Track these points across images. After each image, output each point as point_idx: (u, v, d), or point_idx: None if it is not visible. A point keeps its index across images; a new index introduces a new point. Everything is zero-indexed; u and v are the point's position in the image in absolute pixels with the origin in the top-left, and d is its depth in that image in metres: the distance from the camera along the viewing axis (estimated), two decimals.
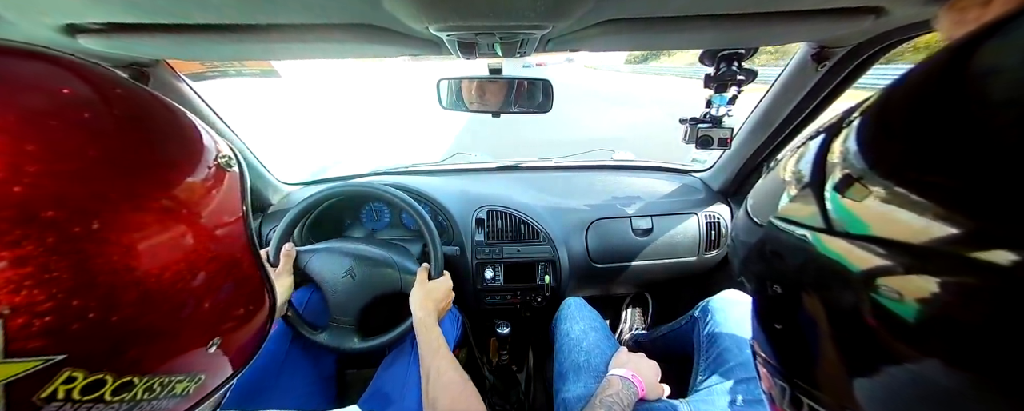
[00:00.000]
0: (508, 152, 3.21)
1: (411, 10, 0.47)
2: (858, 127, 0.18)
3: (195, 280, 0.25)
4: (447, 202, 1.13)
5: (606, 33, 0.59)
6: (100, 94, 0.24)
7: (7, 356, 0.17)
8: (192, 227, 0.25)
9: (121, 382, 0.21)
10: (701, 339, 0.90)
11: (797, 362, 0.21)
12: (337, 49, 0.66)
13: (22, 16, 0.49)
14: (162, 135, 0.26)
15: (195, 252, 0.25)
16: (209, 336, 0.27)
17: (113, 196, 0.21)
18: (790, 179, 0.22)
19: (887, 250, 0.15)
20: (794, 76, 0.87)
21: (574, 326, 0.96)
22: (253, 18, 0.51)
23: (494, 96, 0.92)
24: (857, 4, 0.53)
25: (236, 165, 0.32)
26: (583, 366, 0.84)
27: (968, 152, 0.13)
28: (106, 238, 0.20)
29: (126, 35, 0.56)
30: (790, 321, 0.21)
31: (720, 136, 0.95)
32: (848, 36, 0.70)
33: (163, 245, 0.23)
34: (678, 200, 1.23)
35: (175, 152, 0.26)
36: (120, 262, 0.21)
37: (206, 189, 0.27)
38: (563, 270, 1.12)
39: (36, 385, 0.18)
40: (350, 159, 5.59)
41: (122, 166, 0.22)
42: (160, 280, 0.23)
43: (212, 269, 0.27)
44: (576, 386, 0.81)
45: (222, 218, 0.28)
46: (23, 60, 0.22)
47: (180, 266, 0.24)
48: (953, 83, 0.14)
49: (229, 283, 0.29)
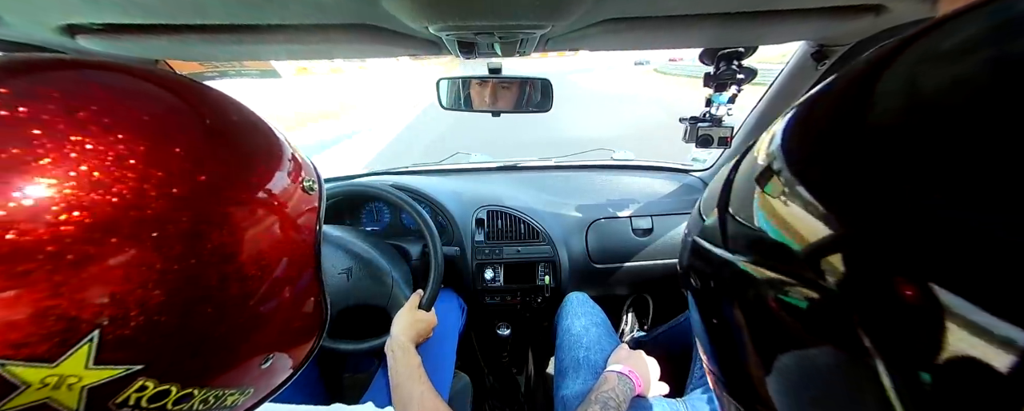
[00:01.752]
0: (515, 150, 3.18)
1: (410, 10, 0.47)
2: (760, 147, 0.20)
3: (268, 299, 0.26)
4: (447, 202, 1.13)
5: (606, 32, 0.59)
6: (213, 117, 0.25)
7: (96, 363, 0.18)
8: (275, 243, 0.26)
9: (184, 393, 0.23)
10: None
11: (719, 364, 0.23)
12: (337, 49, 0.66)
13: (21, 17, 0.49)
14: (254, 147, 0.27)
15: (273, 267, 0.26)
16: (267, 352, 0.28)
17: (216, 219, 0.23)
18: (708, 199, 0.24)
19: (768, 256, 0.17)
20: (794, 75, 0.87)
21: (575, 322, 0.96)
22: (252, 18, 0.51)
23: (494, 96, 0.92)
24: (857, 2, 0.53)
25: (317, 185, 0.33)
26: (583, 362, 0.84)
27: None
28: (207, 261, 0.22)
29: (125, 36, 0.56)
30: (708, 325, 0.23)
31: (720, 135, 0.95)
32: (848, 34, 0.70)
33: (248, 262, 0.24)
34: (678, 200, 1.23)
35: (265, 161, 0.27)
36: (211, 281, 0.22)
37: (294, 206, 0.28)
38: (563, 270, 1.12)
39: (113, 391, 0.20)
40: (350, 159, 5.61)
41: (224, 186, 0.24)
42: (238, 296, 0.24)
43: (281, 286, 0.27)
44: (574, 383, 0.80)
45: (301, 235, 0.29)
46: (137, 79, 0.24)
47: (258, 283, 0.25)
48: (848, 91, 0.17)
49: (292, 298, 0.29)
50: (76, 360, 0.18)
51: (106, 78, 0.23)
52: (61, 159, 0.18)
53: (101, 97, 0.21)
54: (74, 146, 0.18)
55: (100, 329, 0.18)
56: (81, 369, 0.18)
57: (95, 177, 0.18)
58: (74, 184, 0.18)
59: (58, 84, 0.20)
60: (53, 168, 0.18)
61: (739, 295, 0.19)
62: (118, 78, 0.23)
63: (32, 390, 0.17)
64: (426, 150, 5.80)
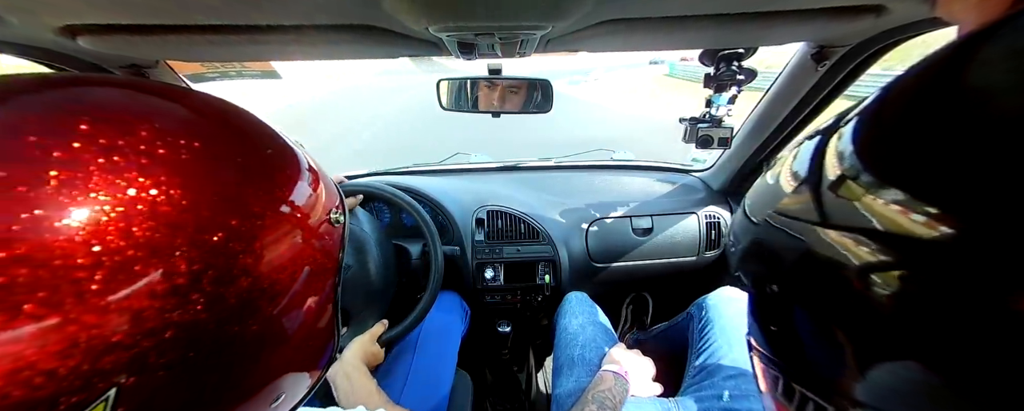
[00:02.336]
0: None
1: (411, 11, 0.47)
2: (854, 127, 0.18)
3: (280, 344, 0.26)
4: (447, 202, 1.13)
5: (606, 33, 0.59)
6: (238, 147, 0.25)
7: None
8: (295, 285, 0.26)
9: None
10: (694, 336, 0.91)
11: (790, 354, 0.22)
12: (337, 50, 0.66)
13: (22, 17, 0.49)
14: (272, 168, 0.27)
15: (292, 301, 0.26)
16: (275, 393, 0.27)
17: (234, 254, 0.22)
18: (788, 177, 0.22)
19: (878, 243, 0.15)
20: (794, 76, 0.87)
21: (573, 320, 0.96)
22: (253, 19, 0.51)
23: (494, 97, 0.92)
24: (858, 3, 0.53)
25: (343, 217, 0.32)
26: (578, 360, 0.84)
27: (963, 149, 0.13)
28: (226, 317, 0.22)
29: (125, 36, 0.56)
30: (785, 316, 0.22)
31: (720, 136, 0.95)
32: (848, 35, 0.70)
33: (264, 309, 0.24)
34: (678, 200, 1.23)
35: (289, 187, 0.27)
36: (233, 328, 0.22)
37: (320, 242, 0.28)
38: (563, 270, 1.12)
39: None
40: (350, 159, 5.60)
41: (246, 215, 0.23)
42: (254, 343, 0.24)
43: (294, 325, 0.27)
44: (569, 380, 0.81)
45: (324, 267, 0.29)
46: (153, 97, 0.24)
47: (273, 325, 0.25)
48: (946, 81, 0.15)
49: (306, 337, 0.29)
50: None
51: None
52: (101, 196, 0.18)
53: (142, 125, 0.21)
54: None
55: (117, 388, 0.18)
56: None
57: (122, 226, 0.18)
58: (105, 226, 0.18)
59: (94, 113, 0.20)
60: (89, 203, 0.18)
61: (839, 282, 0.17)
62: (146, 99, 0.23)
63: None
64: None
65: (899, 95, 0.17)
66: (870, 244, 0.15)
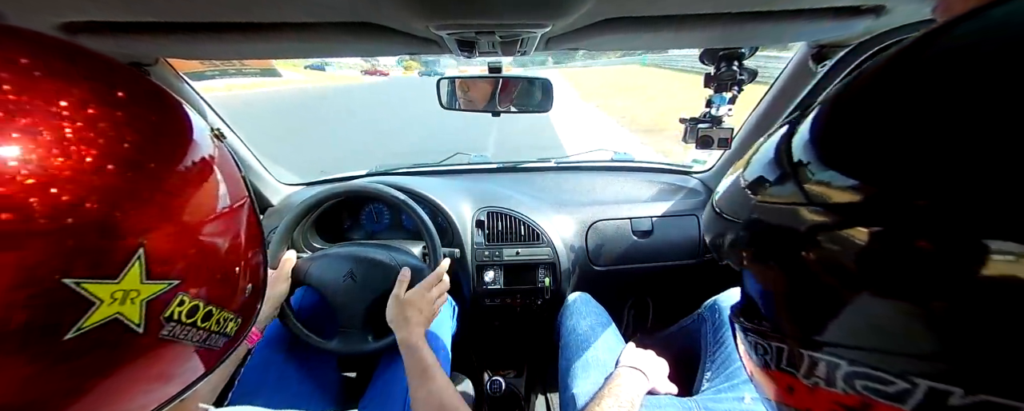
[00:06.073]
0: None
1: (411, 9, 0.47)
2: (815, 116, 0.21)
3: (243, 228, 0.30)
4: (447, 203, 1.13)
5: (606, 32, 0.59)
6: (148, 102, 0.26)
7: (148, 279, 0.22)
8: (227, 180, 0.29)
9: (207, 310, 0.26)
10: (708, 338, 0.90)
11: (791, 320, 0.23)
12: (337, 48, 0.66)
13: (21, 13, 0.49)
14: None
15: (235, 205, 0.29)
16: (247, 281, 0.31)
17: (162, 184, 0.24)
18: (758, 169, 0.25)
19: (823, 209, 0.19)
20: (794, 76, 0.87)
21: (581, 322, 0.95)
22: (253, 17, 0.51)
23: (494, 96, 0.92)
24: (858, 3, 0.53)
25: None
26: (593, 362, 0.84)
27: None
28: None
29: (125, 34, 0.56)
30: (781, 285, 0.24)
31: (720, 136, 0.94)
32: (849, 35, 0.70)
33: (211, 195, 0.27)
34: (678, 201, 1.23)
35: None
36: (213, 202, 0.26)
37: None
38: (563, 272, 1.12)
39: (163, 305, 0.23)
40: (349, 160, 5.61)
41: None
42: (216, 233, 0.27)
43: (242, 223, 0.30)
44: (585, 382, 0.80)
45: (234, 173, 0.31)
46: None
47: (232, 216, 0.28)
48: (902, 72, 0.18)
49: (253, 232, 0.32)
50: (133, 276, 0.21)
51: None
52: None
53: None
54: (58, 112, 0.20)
55: (143, 248, 0.21)
56: (138, 283, 0.21)
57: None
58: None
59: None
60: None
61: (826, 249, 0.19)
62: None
63: (104, 306, 0.20)
64: None
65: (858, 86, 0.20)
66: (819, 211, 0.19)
